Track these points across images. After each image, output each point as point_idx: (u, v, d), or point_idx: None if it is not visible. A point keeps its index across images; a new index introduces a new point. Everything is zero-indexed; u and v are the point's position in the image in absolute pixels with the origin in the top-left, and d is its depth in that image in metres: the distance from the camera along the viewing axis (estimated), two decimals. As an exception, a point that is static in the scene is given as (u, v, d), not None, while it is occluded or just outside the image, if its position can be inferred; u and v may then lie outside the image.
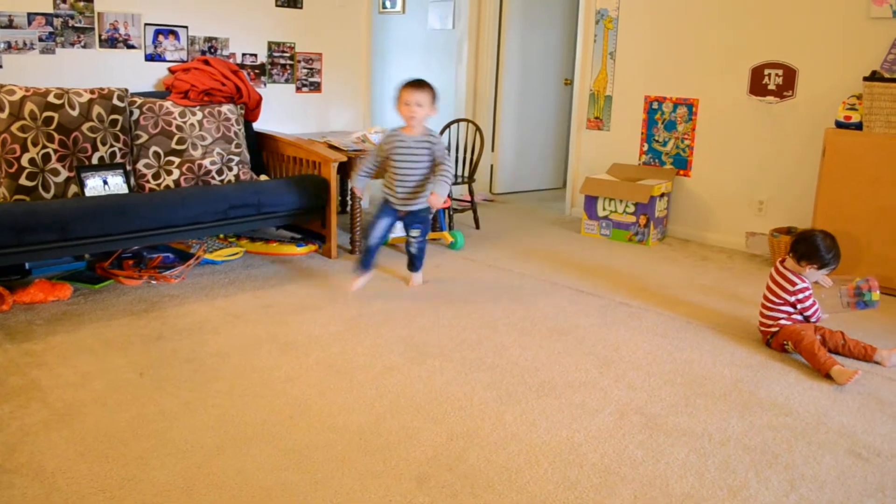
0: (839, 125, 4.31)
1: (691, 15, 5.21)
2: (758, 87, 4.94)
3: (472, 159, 5.53)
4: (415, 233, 3.93)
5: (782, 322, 3.28)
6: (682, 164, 5.41)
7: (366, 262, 3.88)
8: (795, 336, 3.18)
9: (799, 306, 3.26)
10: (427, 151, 3.75)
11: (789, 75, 4.79)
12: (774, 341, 3.30)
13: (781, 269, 3.32)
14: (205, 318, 3.44)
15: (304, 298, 3.76)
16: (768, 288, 3.35)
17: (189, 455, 2.28)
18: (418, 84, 3.68)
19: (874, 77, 4.16)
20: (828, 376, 2.99)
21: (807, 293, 3.25)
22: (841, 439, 2.53)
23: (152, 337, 3.19)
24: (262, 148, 4.92)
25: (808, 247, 3.25)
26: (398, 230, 4.93)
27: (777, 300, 3.30)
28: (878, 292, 3.26)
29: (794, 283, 3.26)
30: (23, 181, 3.70)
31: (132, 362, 2.92)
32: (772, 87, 4.87)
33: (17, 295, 3.52)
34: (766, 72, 4.88)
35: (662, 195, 5.24)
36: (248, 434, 2.42)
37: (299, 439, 2.40)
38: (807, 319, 3.29)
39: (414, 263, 4.03)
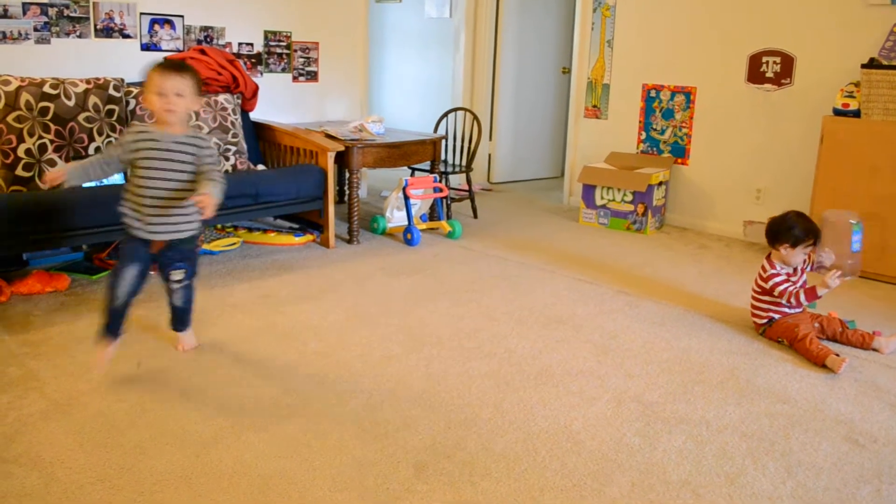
0: (837, 113, 4.31)
1: (689, 2, 5.19)
2: (756, 74, 4.93)
3: (469, 148, 5.52)
4: (177, 275, 2.83)
5: (771, 314, 3.29)
6: (679, 152, 5.41)
7: (113, 327, 2.72)
8: (790, 333, 3.18)
9: (776, 291, 3.26)
10: (191, 157, 2.70)
11: (787, 63, 4.78)
12: (768, 334, 3.30)
13: (764, 261, 3.33)
14: (202, 308, 3.43)
15: (302, 288, 3.76)
16: (755, 280, 3.36)
17: (187, 444, 2.28)
18: (177, 68, 2.69)
19: (872, 64, 4.15)
20: (824, 366, 3.00)
21: (777, 279, 3.24)
22: (838, 426, 2.54)
23: (149, 327, 3.18)
24: (259, 138, 4.91)
25: (777, 226, 3.26)
26: (397, 217, 4.96)
27: (757, 290, 3.32)
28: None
29: (765, 270, 3.28)
30: (19, 172, 3.69)
31: (130, 352, 2.91)
32: (770, 74, 4.86)
33: (15, 286, 3.51)
34: (764, 59, 4.87)
35: (660, 184, 5.23)
36: (245, 423, 2.42)
37: (297, 428, 2.40)
38: (796, 302, 3.26)
39: (180, 319, 2.96)
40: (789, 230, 3.21)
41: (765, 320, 3.30)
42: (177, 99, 2.64)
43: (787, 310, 3.27)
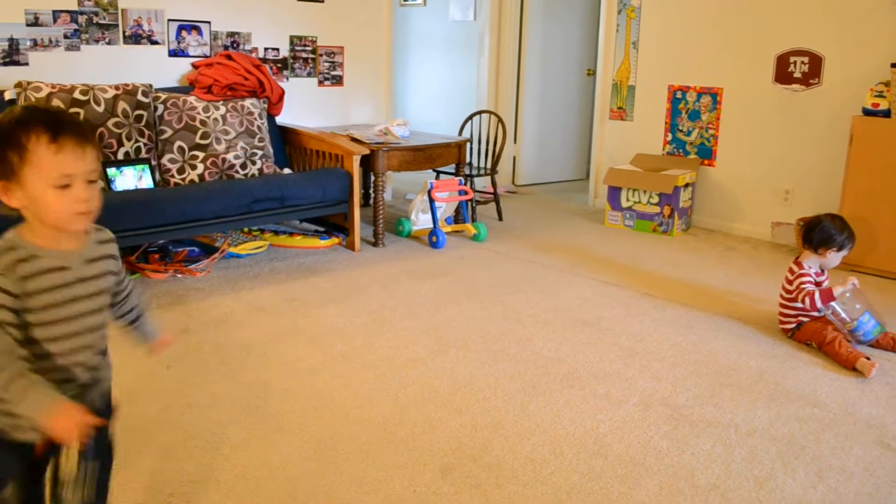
0: (867, 112, 4.25)
1: (715, 2, 5.15)
2: (783, 74, 4.87)
3: (494, 151, 5.52)
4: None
5: (800, 318, 3.25)
6: (706, 153, 5.36)
7: None
8: (819, 336, 3.15)
9: (798, 289, 3.23)
10: (112, 277, 1.54)
11: (815, 62, 4.72)
12: (797, 337, 3.26)
13: (792, 264, 3.32)
14: (230, 311, 3.47)
15: (328, 291, 3.78)
16: (782, 285, 3.34)
17: (215, 447, 2.30)
18: (81, 132, 1.38)
19: (903, 63, 4.09)
20: (854, 370, 2.96)
21: (805, 279, 3.22)
22: (869, 430, 2.50)
23: (178, 330, 3.21)
24: (285, 142, 4.94)
25: (820, 233, 3.25)
26: (422, 220, 4.97)
27: (786, 294, 3.30)
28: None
29: (793, 272, 3.27)
30: (50, 177, 3.74)
31: (159, 355, 2.94)
32: (797, 74, 4.81)
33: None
34: (792, 59, 4.82)
35: (687, 185, 5.19)
36: (273, 426, 2.44)
37: (324, 431, 2.41)
38: (811, 304, 3.22)
39: None
40: (836, 237, 3.22)
41: (793, 324, 3.27)
42: (93, 189, 1.41)
43: (816, 314, 3.23)
